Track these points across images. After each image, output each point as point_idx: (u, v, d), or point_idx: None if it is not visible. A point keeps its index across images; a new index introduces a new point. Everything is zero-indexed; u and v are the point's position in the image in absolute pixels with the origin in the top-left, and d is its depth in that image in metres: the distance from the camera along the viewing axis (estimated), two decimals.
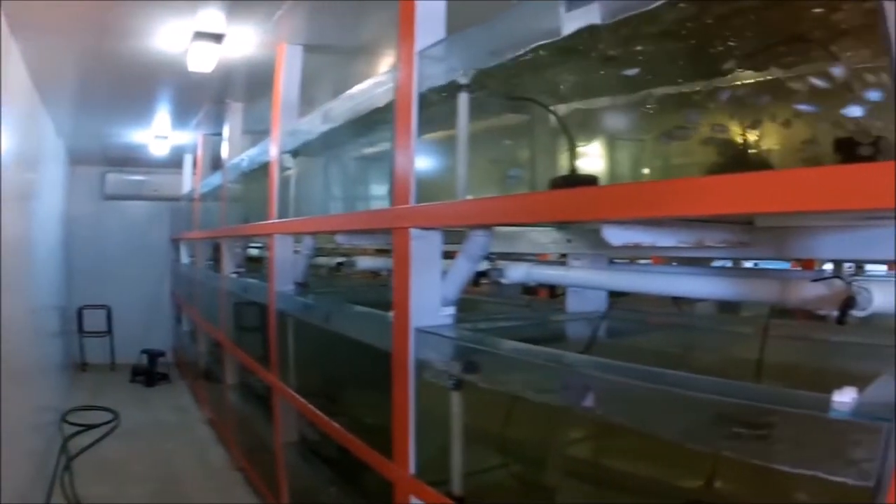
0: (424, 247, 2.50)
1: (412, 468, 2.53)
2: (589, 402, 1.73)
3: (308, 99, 4.76)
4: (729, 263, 3.28)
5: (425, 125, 2.58)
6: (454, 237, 2.55)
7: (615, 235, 1.78)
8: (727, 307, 3.62)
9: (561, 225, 2.56)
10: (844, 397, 1.20)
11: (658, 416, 1.58)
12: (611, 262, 2.80)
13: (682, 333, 2.80)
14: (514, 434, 2.60)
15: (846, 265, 3.82)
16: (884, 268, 4.63)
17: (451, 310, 2.55)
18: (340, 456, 3.40)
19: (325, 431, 3.39)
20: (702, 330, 2.79)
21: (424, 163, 2.66)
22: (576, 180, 2.09)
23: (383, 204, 3.09)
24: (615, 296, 2.84)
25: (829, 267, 2.76)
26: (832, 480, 1.16)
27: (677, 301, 2.93)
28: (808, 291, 1.73)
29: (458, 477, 2.36)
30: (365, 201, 4.22)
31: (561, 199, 1.89)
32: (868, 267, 4.45)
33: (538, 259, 3.22)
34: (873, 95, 1.63)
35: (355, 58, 4.77)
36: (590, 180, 2.07)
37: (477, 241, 2.37)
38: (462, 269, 2.47)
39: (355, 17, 4.09)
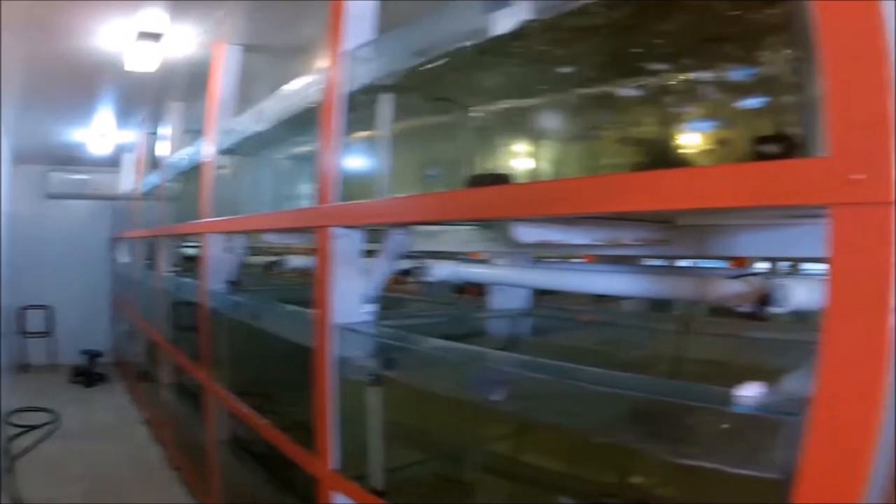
0: (346, 245, 2.53)
1: (334, 463, 2.56)
2: (497, 396, 1.77)
3: (249, 98, 4.76)
4: (664, 262, 3.32)
5: (356, 125, 2.62)
6: (377, 235, 2.58)
7: (525, 233, 1.82)
8: (659, 305, 3.65)
9: (485, 223, 2.60)
10: (749, 392, 1.24)
11: (567, 410, 1.62)
12: (537, 260, 2.84)
13: (604, 330, 2.84)
14: (435, 430, 2.63)
15: (781, 263, 3.89)
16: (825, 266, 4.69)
17: (371, 307, 2.58)
18: (271, 452, 3.41)
19: (253, 428, 3.41)
20: (626, 327, 2.82)
21: (356, 161, 2.69)
22: (489, 179, 2.13)
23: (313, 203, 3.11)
24: (546, 294, 2.88)
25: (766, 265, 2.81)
26: (750, 475, 1.20)
27: (601, 299, 2.99)
28: (726, 288, 1.74)
29: (378, 472, 2.40)
30: (296, 200, 4.24)
31: (474, 198, 1.93)
32: (809, 266, 4.52)
33: (472, 257, 3.25)
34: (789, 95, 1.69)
35: (297, 57, 4.78)
36: (501, 179, 2.11)
37: (397, 240, 2.41)
38: (383, 267, 2.51)
39: (295, 16, 4.10)
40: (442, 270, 2.75)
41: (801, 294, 1.49)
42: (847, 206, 1.05)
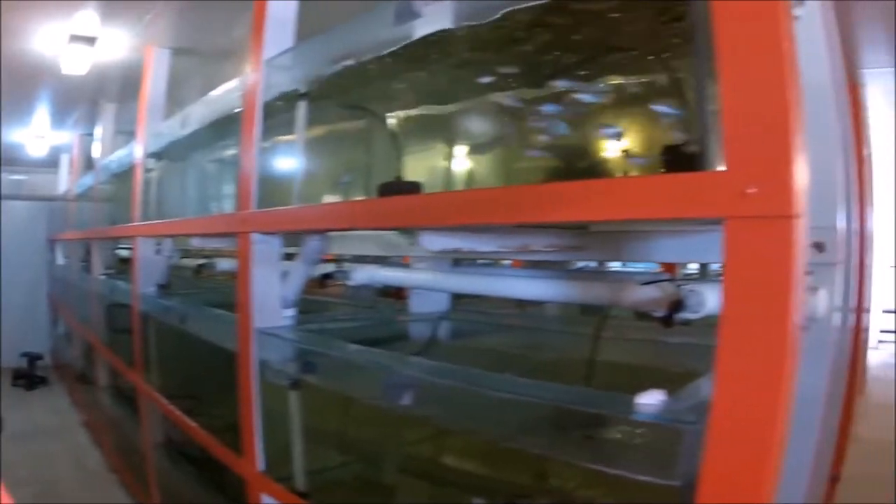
0: (265, 251, 2.56)
1: (260, 465, 2.59)
2: (406, 400, 1.81)
3: (180, 101, 4.77)
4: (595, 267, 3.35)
5: (278, 130, 2.64)
6: (296, 239, 2.61)
7: (432, 242, 1.86)
8: (591, 310, 3.67)
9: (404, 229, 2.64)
10: (649, 399, 1.25)
11: (477, 416, 1.63)
12: (456, 264, 2.88)
13: (525, 334, 2.87)
14: (356, 433, 2.67)
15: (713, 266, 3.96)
16: None
17: (291, 311, 2.62)
18: (205, 455, 3.42)
19: (185, 432, 3.42)
20: (546, 331, 2.86)
21: (276, 166, 2.72)
22: (399, 186, 2.17)
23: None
24: (476, 298, 2.91)
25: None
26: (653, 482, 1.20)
27: (521, 303, 3.04)
28: (639, 294, 1.76)
29: (301, 473, 2.43)
30: (222, 202, 4.25)
31: (384, 207, 1.97)
32: None
33: (403, 261, 3.28)
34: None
35: (227, 60, 4.79)
36: (413, 187, 2.15)
37: (313, 246, 2.44)
38: (300, 272, 2.54)
39: (224, 20, 4.12)
40: (362, 274, 2.79)
41: (715, 300, 1.48)
42: (739, 220, 1.07)
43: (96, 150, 6.50)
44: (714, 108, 1.17)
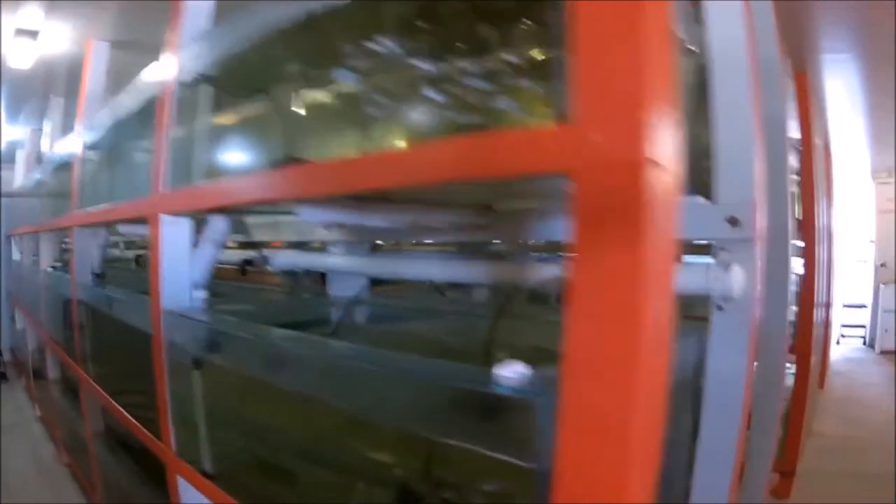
0: (174, 232, 2.57)
1: (174, 447, 2.61)
2: (285, 375, 1.82)
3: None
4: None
5: (190, 115, 2.67)
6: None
7: (311, 215, 1.89)
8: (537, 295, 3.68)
9: None
10: (507, 371, 1.18)
11: (356, 393, 1.61)
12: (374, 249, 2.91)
13: (444, 319, 2.86)
14: (263, 416, 2.68)
15: None
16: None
17: (202, 293, 2.64)
18: (138, 443, 3.43)
19: (117, 419, 3.43)
20: (466, 315, 2.86)
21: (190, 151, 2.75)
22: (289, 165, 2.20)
23: None
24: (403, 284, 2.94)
25: None
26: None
27: (439, 287, 3.07)
28: (542, 273, 1.81)
29: (207, 456, 2.46)
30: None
31: (270, 180, 1.99)
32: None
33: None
34: None
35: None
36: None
37: (216, 226, 2.47)
38: (207, 253, 2.57)
39: (164, 13, 4.14)
40: (282, 259, 2.82)
41: None
42: (584, 171, 0.99)
43: (45, 145, 6.51)
44: None
